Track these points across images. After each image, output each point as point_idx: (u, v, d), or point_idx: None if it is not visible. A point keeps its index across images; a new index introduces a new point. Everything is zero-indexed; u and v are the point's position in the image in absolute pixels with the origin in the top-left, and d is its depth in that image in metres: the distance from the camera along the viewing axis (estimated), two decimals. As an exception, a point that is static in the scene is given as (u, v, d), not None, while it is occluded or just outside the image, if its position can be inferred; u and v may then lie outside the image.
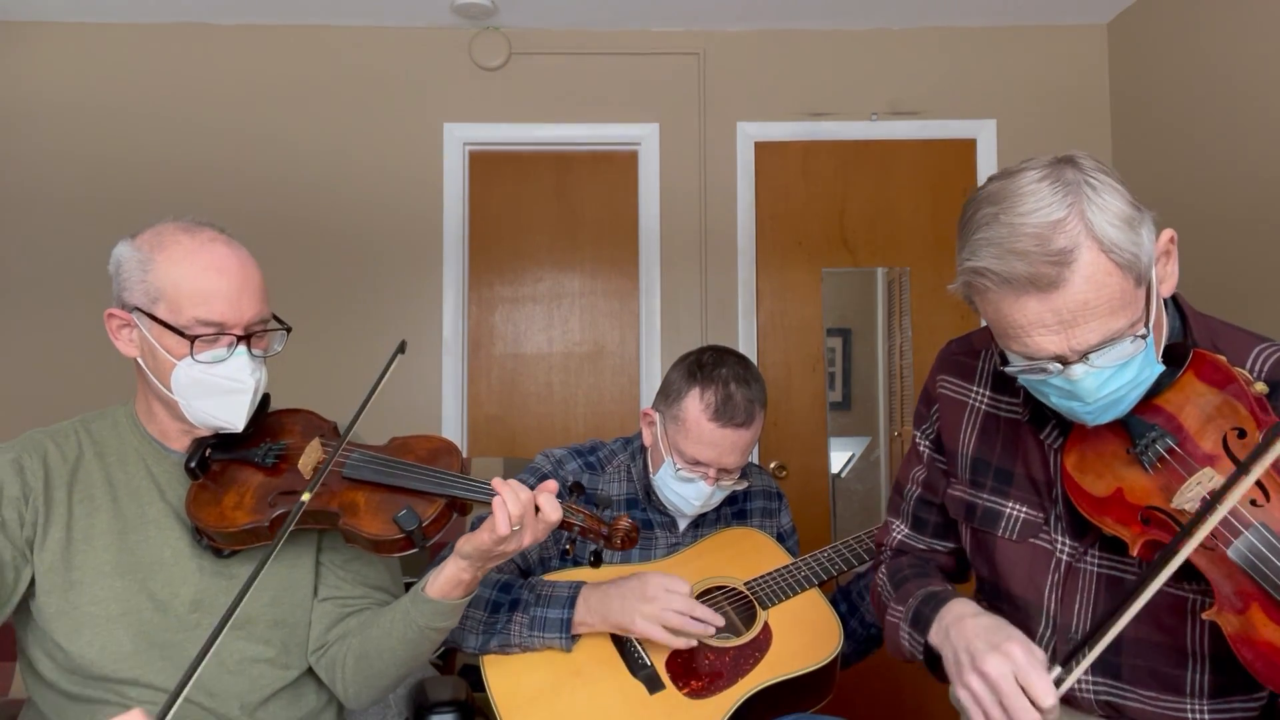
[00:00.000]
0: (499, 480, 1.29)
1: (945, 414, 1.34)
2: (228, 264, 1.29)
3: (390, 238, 3.46)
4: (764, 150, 3.56)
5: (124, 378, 1.41)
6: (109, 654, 1.26)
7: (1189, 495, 1.03)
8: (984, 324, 1.15)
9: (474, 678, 1.68)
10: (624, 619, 1.60)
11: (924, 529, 1.40)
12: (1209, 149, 2.95)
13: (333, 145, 3.46)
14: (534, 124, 3.51)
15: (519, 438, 3.52)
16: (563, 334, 3.56)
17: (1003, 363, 1.11)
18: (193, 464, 1.32)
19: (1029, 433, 1.24)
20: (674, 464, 1.76)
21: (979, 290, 1.04)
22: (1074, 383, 1.03)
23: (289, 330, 1.36)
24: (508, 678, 1.62)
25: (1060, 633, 1.19)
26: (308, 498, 1.18)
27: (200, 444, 1.34)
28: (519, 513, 1.26)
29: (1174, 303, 1.17)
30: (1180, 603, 1.11)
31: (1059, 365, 1.03)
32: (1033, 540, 1.22)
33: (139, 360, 1.32)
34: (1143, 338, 1.03)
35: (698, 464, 1.74)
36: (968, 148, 3.55)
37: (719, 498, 1.81)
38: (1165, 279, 1.08)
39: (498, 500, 1.26)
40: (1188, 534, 0.95)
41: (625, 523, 1.39)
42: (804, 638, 1.68)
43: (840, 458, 3.55)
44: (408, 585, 1.43)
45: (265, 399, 1.39)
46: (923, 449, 1.38)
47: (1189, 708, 1.14)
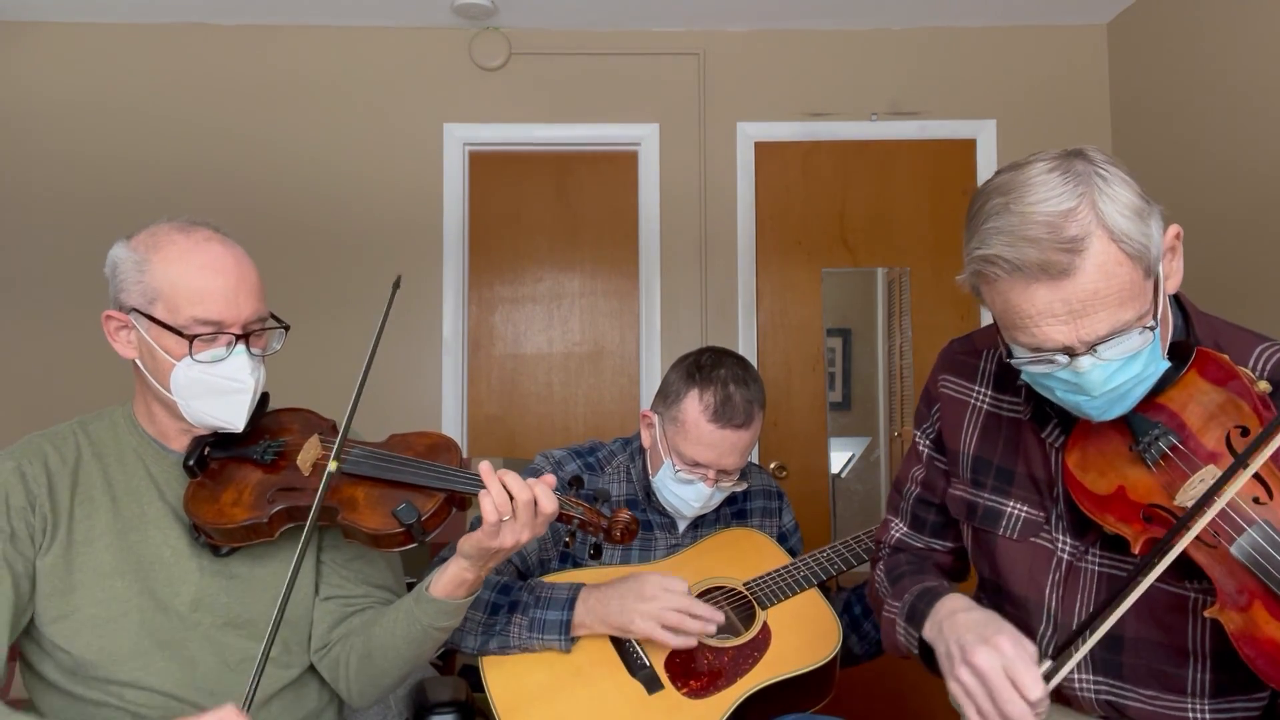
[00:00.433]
0: (485, 466, 1.27)
1: (947, 413, 1.34)
2: (224, 263, 1.28)
3: (390, 238, 3.45)
4: (764, 150, 3.56)
5: (123, 379, 1.41)
6: (110, 655, 1.26)
7: (1192, 493, 1.02)
8: (985, 324, 1.15)
9: (474, 678, 1.68)
10: (623, 619, 1.60)
11: (922, 527, 1.41)
12: (1209, 149, 2.95)
13: (333, 145, 3.46)
14: (534, 124, 3.51)
15: (519, 438, 3.51)
16: (563, 334, 3.55)
17: (1008, 355, 1.11)
18: (191, 461, 1.31)
19: (1030, 432, 1.24)
20: (673, 466, 1.76)
21: (988, 280, 1.04)
22: (1081, 375, 1.03)
23: (287, 328, 1.36)
24: (507, 678, 1.62)
25: (1061, 632, 1.19)
26: (334, 467, 1.23)
27: (199, 442, 1.33)
28: (502, 498, 1.25)
29: (1177, 301, 1.17)
30: (1182, 601, 1.11)
31: (1066, 357, 1.03)
32: (1034, 539, 1.22)
33: (137, 361, 1.32)
34: (1151, 329, 1.02)
35: (697, 465, 1.74)
36: (967, 148, 3.55)
37: (718, 499, 1.81)
38: (1171, 275, 1.08)
39: (483, 492, 1.25)
40: (1184, 526, 0.95)
41: (625, 515, 1.38)
42: (803, 637, 1.67)
43: (840, 458, 3.55)
44: (409, 585, 1.42)
45: (264, 398, 1.39)
46: (923, 449, 1.38)
47: (1190, 707, 1.14)
